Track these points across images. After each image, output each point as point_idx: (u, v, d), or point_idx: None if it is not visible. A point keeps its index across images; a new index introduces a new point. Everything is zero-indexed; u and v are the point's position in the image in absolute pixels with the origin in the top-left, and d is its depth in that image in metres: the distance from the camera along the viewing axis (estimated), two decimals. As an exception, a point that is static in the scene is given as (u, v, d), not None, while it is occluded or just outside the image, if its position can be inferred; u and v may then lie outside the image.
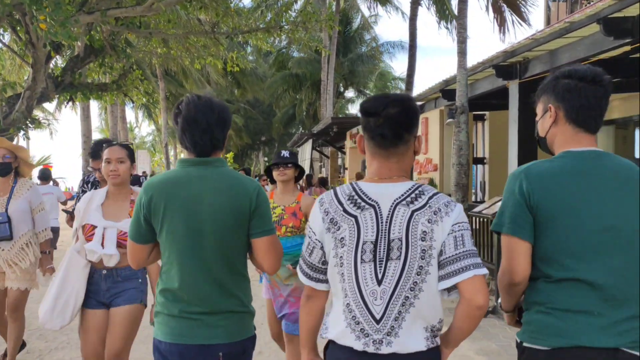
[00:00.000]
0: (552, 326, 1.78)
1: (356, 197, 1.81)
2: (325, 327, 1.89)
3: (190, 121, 2.08)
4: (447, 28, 20.92)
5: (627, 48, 6.10)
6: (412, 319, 1.74)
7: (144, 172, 31.72)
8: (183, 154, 2.25)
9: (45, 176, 8.98)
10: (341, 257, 1.78)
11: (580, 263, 1.77)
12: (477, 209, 6.60)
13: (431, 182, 10.57)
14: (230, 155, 44.35)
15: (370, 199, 1.79)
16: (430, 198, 1.78)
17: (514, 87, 7.39)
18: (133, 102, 13.56)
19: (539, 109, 1.98)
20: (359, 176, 12.04)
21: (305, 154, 23.71)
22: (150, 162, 48.37)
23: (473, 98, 8.47)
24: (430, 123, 10.97)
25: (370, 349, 1.74)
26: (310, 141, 22.41)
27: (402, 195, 1.78)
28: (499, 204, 7.28)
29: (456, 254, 1.73)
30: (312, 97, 34.75)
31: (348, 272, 1.77)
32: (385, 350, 1.73)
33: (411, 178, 1.94)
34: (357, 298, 1.76)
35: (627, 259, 1.79)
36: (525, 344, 1.84)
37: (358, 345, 1.75)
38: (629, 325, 1.76)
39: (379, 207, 1.78)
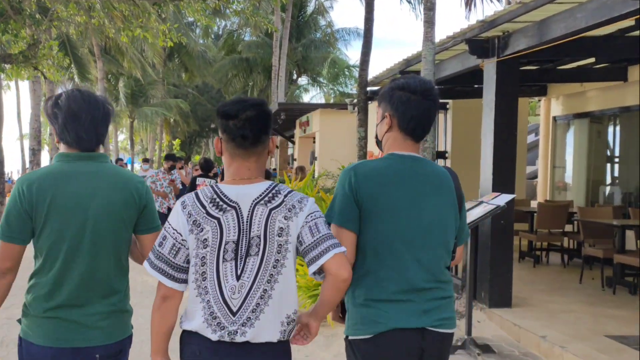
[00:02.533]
0: (371, 315, 1.99)
1: (217, 199, 1.91)
2: (181, 321, 1.95)
3: (73, 116, 2.07)
4: (409, 2, 19.64)
5: (632, 22, 4.86)
6: (270, 311, 1.89)
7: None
8: (61, 148, 2.14)
9: None
10: (203, 257, 1.88)
11: (395, 257, 2.01)
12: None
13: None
14: (177, 142, 42.42)
15: (231, 200, 1.91)
16: (285, 196, 1.93)
17: (490, 68, 6.07)
18: (45, 77, 11.66)
19: (379, 114, 2.18)
20: (300, 170, 10.57)
21: (252, 143, 22.12)
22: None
23: (437, 82, 7.14)
24: (387, 110, 9.62)
25: (226, 339, 1.86)
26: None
27: (260, 195, 1.92)
28: (472, 211, 5.31)
29: (314, 241, 1.90)
30: (264, 84, 33.60)
31: (210, 271, 1.88)
32: (239, 339, 1.86)
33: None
34: (217, 295, 1.87)
35: (435, 253, 2.07)
36: (350, 337, 2.06)
37: (213, 337, 1.86)
38: (431, 306, 2.03)
39: (240, 208, 1.90)
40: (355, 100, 9.04)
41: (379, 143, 2.22)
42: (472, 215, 4.86)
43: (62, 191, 2.02)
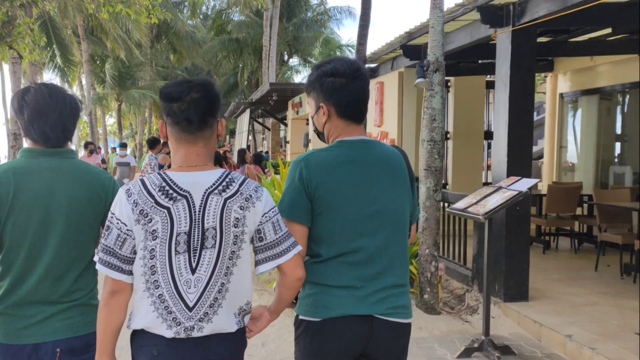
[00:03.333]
0: (323, 301, 1.97)
1: (167, 187, 1.79)
2: (130, 320, 1.84)
3: (39, 113, 2.05)
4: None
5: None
6: (227, 304, 1.83)
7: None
8: (27, 144, 2.12)
9: None
10: (152, 249, 1.77)
11: (347, 243, 1.97)
12: (459, 205, 4.70)
13: (387, 161, 8.68)
14: (167, 125, 41.55)
15: (181, 189, 1.80)
16: (240, 185, 1.84)
17: (504, 38, 5.50)
18: (21, 57, 10.96)
19: (312, 105, 2.11)
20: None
21: (243, 126, 21.49)
22: (78, 133, 44.78)
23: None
24: (387, 89, 9.00)
25: (182, 336, 1.78)
26: (247, 111, 20.20)
27: (214, 184, 1.82)
28: (490, 199, 4.66)
29: (277, 238, 1.86)
30: (255, 65, 33.00)
31: (161, 264, 1.77)
32: (196, 334, 1.79)
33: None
34: (171, 289, 1.78)
35: (388, 238, 2.02)
36: (301, 317, 2.03)
37: (169, 334, 1.77)
38: (384, 294, 2.00)
39: (192, 197, 1.79)
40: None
41: (320, 135, 2.15)
42: (491, 203, 4.32)
43: (24, 187, 2.01)
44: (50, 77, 30.32)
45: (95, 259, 1.82)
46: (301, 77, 37.02)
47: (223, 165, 11.62)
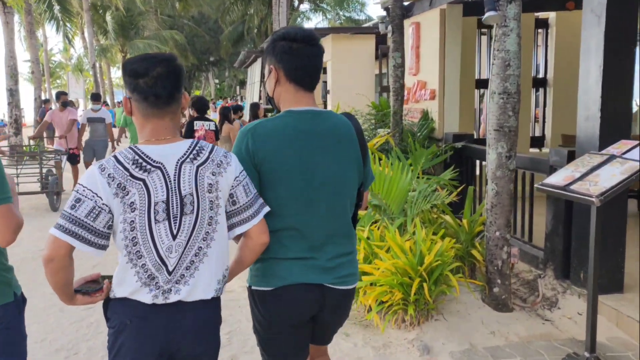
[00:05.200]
0: (273, 270, 2.05)
1: (140, 160, 1.84)
2: (112, 290, 1.89)
3: None
4: None
5: None
6: (206, 269, 1.90)
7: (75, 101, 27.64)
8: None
9: None
10: (132, 221, 1.82)
11: (294, 215, 2.02)
12: (556, 181, 3.53)
13: (425, 115, 7.43)
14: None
15: (154, 161, 1.85)
16: (210, 152, 1.92)
17: (597, -44, 4.19)
18: (5, 4, 9.74)
19: (266, 69, 2.13)
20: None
21: (254, 76, 20.17)
22: (84, 86, 43.51)
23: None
24: (424, 30, 7.68)
25: (159, 300, 1.84)
26: (259, 60, 18.83)
27: (185, 153, 1.88)
28: (601, 172, 3.10)
29: (248, 201, 1.95)
30: (264, 12, 31.43)
31: (142, 235, 1.83)
32: (173, 298, 1.85)
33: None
34: (154, 257, 1.84)
35: (334, 209, 2.08)
36: (253, 287, 2.12)
37: (147, 298, 1.84)
38: (332, 264, 2.09)
39: (165, 168, 1.85)
40: (388, 17, 7.14)
41: (271, 100, 2.17)
42: (605, 178, 3.16)
43: None
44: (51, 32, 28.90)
45: (53, 230, 1.78)
46: (312, 24, 35.37)
47: (232, 121, 10.39)
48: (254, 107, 9.98)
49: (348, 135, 2.10)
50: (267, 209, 1.97)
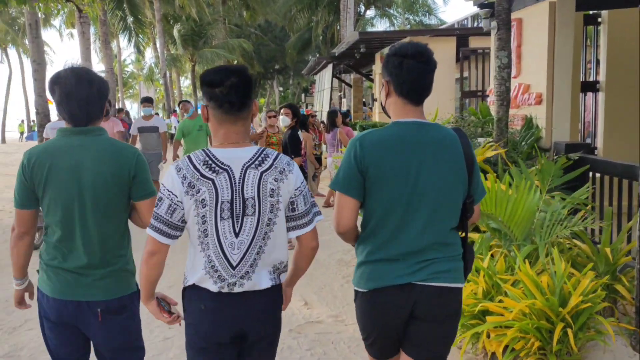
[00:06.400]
0: (369, 272, 2.18)
1: (210, 162, 2.04)
2: (185, 278, 2.14)
3: (67, 95, 2.25)
4: None
5: None
6: (263, 264, 2.10)
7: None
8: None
9: None
10: (203, 216, 2.03)
11: (394, 221, 2.14)
12: None
13: (529, 122, 6.61)
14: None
15: (223, 163, 2.05)
16: (274, 160, 2.10)
17: None
18: (80, 11, 9.66)
19: (383, 82, 2.27)
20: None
21: (324, 83, 19.69)
22: (155, 95, 44.53)
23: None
24: (528, 27, 6.82)
25: (225, 290, 2.06)
26: (330, 66, 18.35)
27: (251, 159, 2.07)
28: None
29: (305, 209, 2.14)
30: (330, 19, 31.14)
31: (211, 229, 2.04)
32: (237, 290, 2.06)
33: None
34: (218, 250, 2.05)
35: (435, 216, 2.15)
36: (355, 288, 2.26)
37: (214, 288, 2.06)
38: (425, 264, 2.15)
39: (232, 171, 2.04)
40: (494, 12, 6.40)
41: (385, 109, 2.29)
42: None
43: (55, 164, 2.24)
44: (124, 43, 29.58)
45: (148, 229, 2.08)
46: (378, 29, 34.76)
47: (309, 130, 9.92)
48: (332, 114, 9.42)
49: (452, 146, 2.18)
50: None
